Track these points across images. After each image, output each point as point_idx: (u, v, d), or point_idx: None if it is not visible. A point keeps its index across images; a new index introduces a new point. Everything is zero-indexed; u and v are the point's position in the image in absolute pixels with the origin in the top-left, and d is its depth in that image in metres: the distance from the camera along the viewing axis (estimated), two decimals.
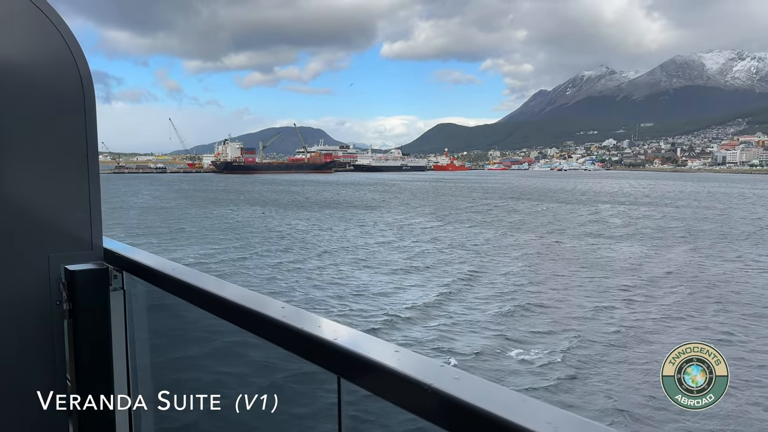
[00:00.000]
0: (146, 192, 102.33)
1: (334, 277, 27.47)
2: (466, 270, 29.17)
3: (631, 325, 19.89)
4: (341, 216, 59.35)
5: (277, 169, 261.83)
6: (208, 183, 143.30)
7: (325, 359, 1.45)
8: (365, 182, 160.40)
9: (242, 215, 59.23)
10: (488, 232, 45.94)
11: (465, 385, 1.15)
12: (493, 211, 67.90)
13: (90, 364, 2.60)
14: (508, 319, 20.49)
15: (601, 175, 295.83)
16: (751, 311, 21.62)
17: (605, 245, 38.09)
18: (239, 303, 1.76)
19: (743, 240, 40.93)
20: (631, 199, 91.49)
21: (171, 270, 2.23)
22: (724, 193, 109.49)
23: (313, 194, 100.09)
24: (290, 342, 1.57)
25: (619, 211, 66.27)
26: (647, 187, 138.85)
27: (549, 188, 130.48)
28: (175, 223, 50.56)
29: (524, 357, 16.75)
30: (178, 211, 64.30)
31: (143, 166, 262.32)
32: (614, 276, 27.84)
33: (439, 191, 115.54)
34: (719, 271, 29.20)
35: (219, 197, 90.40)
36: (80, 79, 2.66)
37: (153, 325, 2.72)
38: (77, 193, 2.69)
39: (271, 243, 38.53)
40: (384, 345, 1.41)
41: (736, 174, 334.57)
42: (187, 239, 40.07)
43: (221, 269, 29.05)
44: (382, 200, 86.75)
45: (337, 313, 20.86)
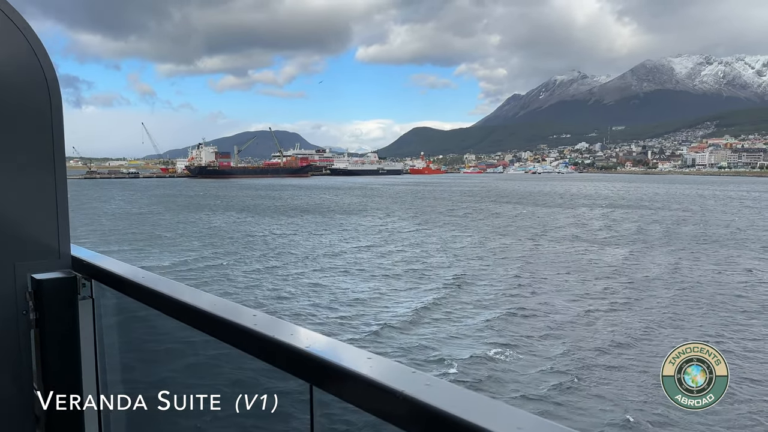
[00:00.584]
0: (120, 197, 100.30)
1: (313, 283, 26.94)
2: (450, 274, 28.89)
3: (624, 326, 19.78)
4: (323, 221, 58.78)
5: (252, 174, 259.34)
6: (184, 188, 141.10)
7: (298, 367, 1.44)
8: (343, 186, 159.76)
9: (221, 221, 58.25)
10: (473, 236, 45.79)
11: (436, 391, 1.15)
12: (474, 214, 67.92)
13: (58, 374, 2.54)
14: (495, 324, 20.23)
15: (575, 178, 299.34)
16: (737, 310, 21.72)
17: (592, 248, 38.19)
18: (210, 311, 1.74)
19: (725, 242, 41.43)
20: (609, 201, 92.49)
21: (141, 278, 2.19)
22: (698, 195, 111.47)
23: (290, 199, 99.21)
24: (262, 350, 1.55)
25: (601, 214, 66.85)
26: (623, 189, 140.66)
27: (529, 191, 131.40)
28: (150, 230, 49.43)
29: (516, 362, 16.48)
30: (153, 217, 63.00)
31: (115, 171, 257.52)
32: (601, 278, 27.82)
33: (419, 195, 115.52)
34: (704, 272, 29.40)
35: (196, 202, 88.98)
36: (46, 83, 2.61)
37: (123, 334, 2.66)
38: (44, 200, 2.63)
39: (249, 250, 37.81)
40: (356, 352, 1.40)
41: (706, 176, 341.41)
42: (164, 247, 39.11)
43: (199, 277, 28.31)
44: (362, 204, 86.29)
45: (315, 320, 20.37)
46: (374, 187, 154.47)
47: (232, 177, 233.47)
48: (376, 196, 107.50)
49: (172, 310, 1.96)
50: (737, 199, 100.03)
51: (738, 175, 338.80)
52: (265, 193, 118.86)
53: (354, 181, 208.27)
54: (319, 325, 19.70)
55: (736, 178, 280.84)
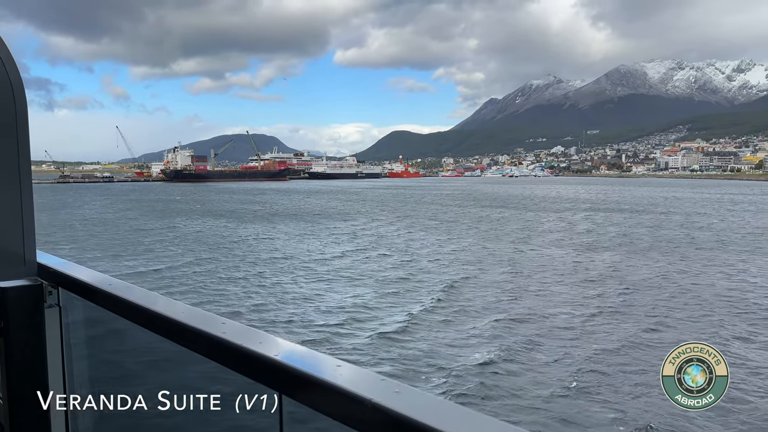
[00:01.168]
0: (96, 202, 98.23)
1: (299, 291, 26.38)
2: (444, 279, 28.56)
3: (624, 326, 19.62)
4: (309, 227, 58.13)
5: (229, 178, 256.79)
6: (163, 193, 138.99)
7: (266, 376, 1.42)
8: (323, 190, 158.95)
9: (202, 226, 57.21)
10: (465, 240, 45.57)
11: (405, 398, 1.14)
12: (462, 218, 67.80)
13: (24, 384, 2.48)
14: (485, 328, 19.90)
15: (552, 181, 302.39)
16: (731, 309, 21.72)
17: (583, 252, 38.20)
18: (178, 320, 1.73)
19: (713, 244, 41.81)
20: (591, 204, 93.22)
21: (108, 285, 2.16)
22: (675, 198, 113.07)
23: (272, 204, 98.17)
24: (230, 359, 1.53)
25: (585, 217, 67.22)
26: (602, 192, 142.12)
27: (513, 194, 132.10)
28: (126, 237, 48.29)
29: (512, 366, 16.14)
30: (127, 223, 61.67)
31: (89, 176, 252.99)
32: (595, 281, 27.73)
33: (402, 198, 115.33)
34: (697, 274, 29.52)
35: (175, 207, 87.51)
36: (10, 85, 2.55)
37: (91, 342, 2.60)
38: (8, 206, 2.58)
39: (234, 257, 37.04)
40: (326, 360, 1.38)
41: (679, 179, 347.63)
42: (140, 254, 38.14)
43: (175, 285, 27.54)
44: (349, 209, 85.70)
45: (296, 329, 19.82)
46: (355, 190, 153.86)
47: (208, 181, 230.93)
48: (359, 201, 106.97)
49: (140, 318, 1.94)
50: (717, 202, 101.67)
51: (710, 178, 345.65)
52: (246, 197, 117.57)
53: (333, 185, 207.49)
54: (297, 335, 19.17)
55: (708, 180, 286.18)
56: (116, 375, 2.56)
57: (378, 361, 16.51)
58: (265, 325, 20.13)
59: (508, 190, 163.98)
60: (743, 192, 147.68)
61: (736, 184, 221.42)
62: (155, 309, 1.85)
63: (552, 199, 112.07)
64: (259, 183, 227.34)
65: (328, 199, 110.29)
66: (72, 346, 2.56)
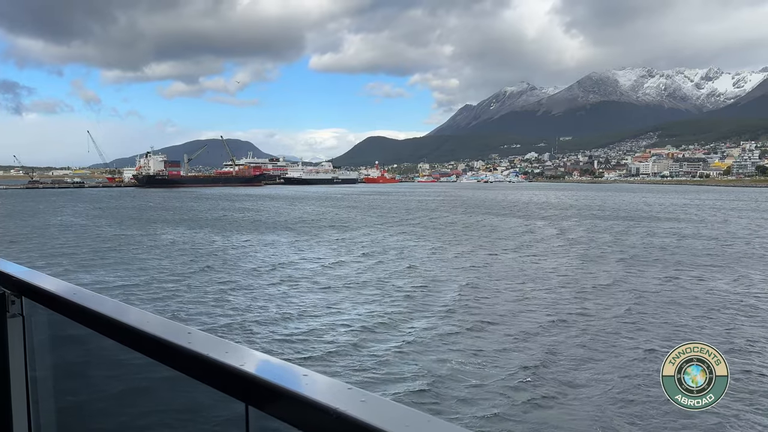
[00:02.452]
0: (68, 210, 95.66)
1: (260, 299, 25.62)
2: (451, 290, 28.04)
3: (622, 326, 19.30)
4: (290, 236, 57.21)
5: (203, 183, 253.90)
6: (140, 199, 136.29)
7: (232, 386, 1.40)
8: (298, 196, 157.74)
9: (190, 236, 55.90)
10: (451, 247, 45.16)
11: (371, 407, 1.14)
12: (452, 226, 67.49)
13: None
14: (474, 336, 19.41)
15: (527, 186, 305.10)
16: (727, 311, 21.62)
17: (583, 257, 38.08)
18: (142, 329, 1.70)
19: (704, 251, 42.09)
20: (575, 211, 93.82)
21: (72, 295, 2.12)
22: (658, 203, 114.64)
23: (254, 212, 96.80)
24: (196, 369, 1.51)
25: (577, 223, 67.50)
26: (584, 198, 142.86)
27: (497, 200, 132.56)
28: (97, 245, 46.87)
29: (497, 374, 15.65)
30: (97, 230, 60.06)
31: (59, 181, 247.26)
32: (591, 283, 27.50)
33: (380, 206, 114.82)
34: (691, 276, 29.52)
35: (151, 216, 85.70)
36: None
37: (55, 352, 2.56)
38: None
39: (224, 269, 36.05)
40: (292, 369, 1.37)
41: (650, 184, 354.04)
42: (111, 264, 36.93)
43: (152, 297, 26.57)
44: (338, 218, 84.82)
45: (263, 340, 19.09)
46: (334, 197, 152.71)
47: (181, 186, 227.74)
48: (343, 207, 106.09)
49: (105, 327, 1.90)
50: (693, 206, 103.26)
51: (680, 183, 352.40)
52: (227, 204, 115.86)
53: (309, 191, 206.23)
54: (266, 343, 18.48)
55: (678, 186, 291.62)
56: (80, 385, 2.52)
57: (391, 380, 15.84)
58: (236, 334, 19.34)
59: (488, 195, 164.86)
60: (726, 198, 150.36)
61: (707, 190, 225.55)
62: (120, 318, 1.83)
63: (538, 204, 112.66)
64: (233, 188, 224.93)
65: (304, 205, 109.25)
66: (36, 357, 2.52)
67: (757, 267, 33.84)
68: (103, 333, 1.92)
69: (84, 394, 2.48)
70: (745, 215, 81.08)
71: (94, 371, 2.43)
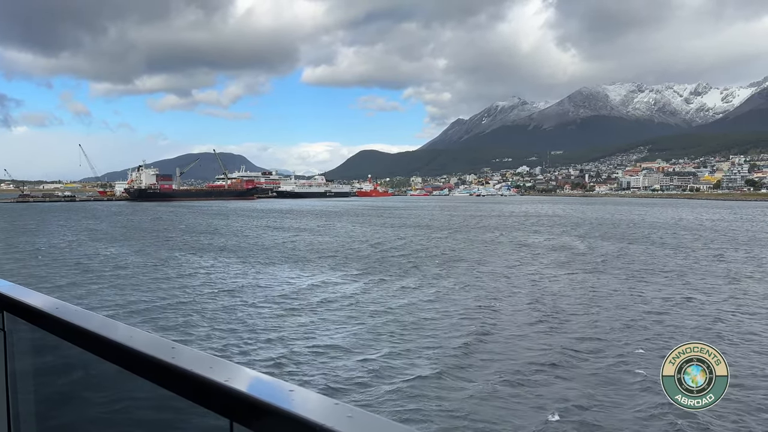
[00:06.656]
0: (55, 223, 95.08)
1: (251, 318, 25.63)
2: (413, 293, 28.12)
3: (621, 327, 19.45)
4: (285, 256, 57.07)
5: (195, 197, 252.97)
6: (141, 213, 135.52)
7: (217, 402, 1.38)
8: (294, 210, 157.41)
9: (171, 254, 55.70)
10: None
11: (358, 423, 1.14)
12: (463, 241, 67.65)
13: None
14: (466, 346, 19.50)
15: (519, 200, 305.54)
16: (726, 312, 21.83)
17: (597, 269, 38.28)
18: (126, 344, 1.69)
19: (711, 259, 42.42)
20: (581, 225, 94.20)
21: (54, 309, 2.11)
22: (655, 217, 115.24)
23: (263, 230, 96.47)
24: (180, 385, 1.49)
25: (583, 236, 67.83)
26: (579, 211, 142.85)
27: (497, 213, 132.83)
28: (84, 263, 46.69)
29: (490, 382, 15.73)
30: (83, 248, 59.74)
31: (50, 195, 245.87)
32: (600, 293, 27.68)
33: (385, 220, 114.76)
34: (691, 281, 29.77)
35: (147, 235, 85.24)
36: None
37: (38, 368, 2.51)
38: None
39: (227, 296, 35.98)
40: (277, 384, 1.36)
41: (641, 198, 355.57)
42: (104, 282, 36.81)
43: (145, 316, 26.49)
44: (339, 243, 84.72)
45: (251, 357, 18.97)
46: (329, 211, 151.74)
47: (173, 200, 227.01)
48: (348, 222, 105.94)
49: (88, 342, 1.88)
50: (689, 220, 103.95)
51: (670, 197, 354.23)
52: (220, 222, 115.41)
53: (303, 204, 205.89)
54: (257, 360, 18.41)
55: (669, 200, 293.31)
56: (62, 401, 2.50)
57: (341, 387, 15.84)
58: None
59: (482, 208, 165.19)
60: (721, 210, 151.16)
61: (697, 204, 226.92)
62: (103, 333, 1.80)
63: (538, 216, 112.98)
64: (226, 202, 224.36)
65: (302, 220, 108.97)
66: (17, 374, 2.49)
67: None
68: (85, 347, 1.89)
69: (67, 410, 2.47)
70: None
71: (75, 386, 2.40)
